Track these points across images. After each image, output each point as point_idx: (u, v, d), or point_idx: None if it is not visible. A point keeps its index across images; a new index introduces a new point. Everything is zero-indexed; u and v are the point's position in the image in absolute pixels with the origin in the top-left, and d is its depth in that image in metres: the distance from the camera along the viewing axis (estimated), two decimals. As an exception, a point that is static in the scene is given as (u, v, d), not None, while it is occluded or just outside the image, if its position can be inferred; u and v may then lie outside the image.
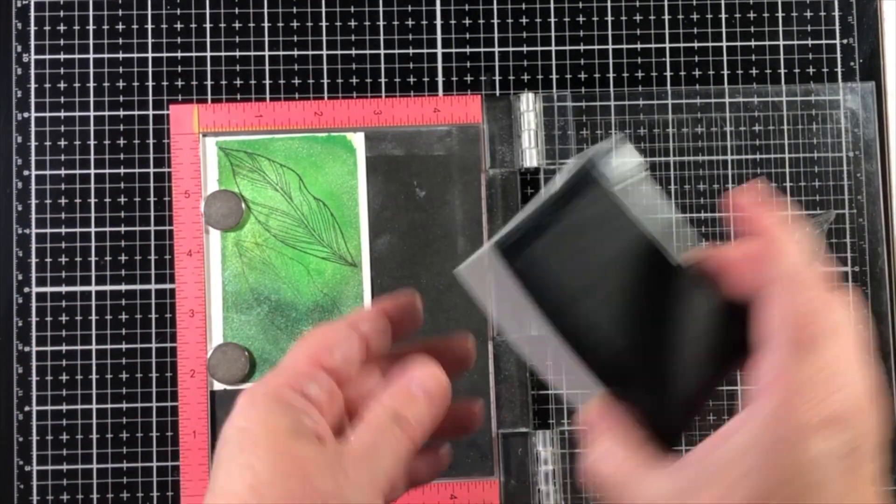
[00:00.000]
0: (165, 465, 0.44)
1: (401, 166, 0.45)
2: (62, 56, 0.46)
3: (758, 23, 0.47)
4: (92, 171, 0.45)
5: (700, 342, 0.28)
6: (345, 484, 0.24)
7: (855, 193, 0.46)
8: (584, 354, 0.28)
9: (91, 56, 0.46)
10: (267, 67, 0.46)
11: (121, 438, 0.44)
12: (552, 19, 0.47)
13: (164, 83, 0.46)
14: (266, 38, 0.46)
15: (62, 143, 0.45)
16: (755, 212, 0.27)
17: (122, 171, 0.45)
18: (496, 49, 0.46)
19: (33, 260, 0.45)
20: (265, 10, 0.46)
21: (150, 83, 0.46)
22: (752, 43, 0.47)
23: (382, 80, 0.46)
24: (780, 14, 0.47)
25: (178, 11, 0.46)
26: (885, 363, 0.45)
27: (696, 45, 0.47)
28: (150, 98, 0.46)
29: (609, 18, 0.47)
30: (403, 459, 0.26)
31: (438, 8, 0.47)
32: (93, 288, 0.45)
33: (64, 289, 0.45)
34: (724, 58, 0.47)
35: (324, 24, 0.46)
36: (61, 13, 0.46)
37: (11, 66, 0.46)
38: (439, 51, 0.46)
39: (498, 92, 0.46)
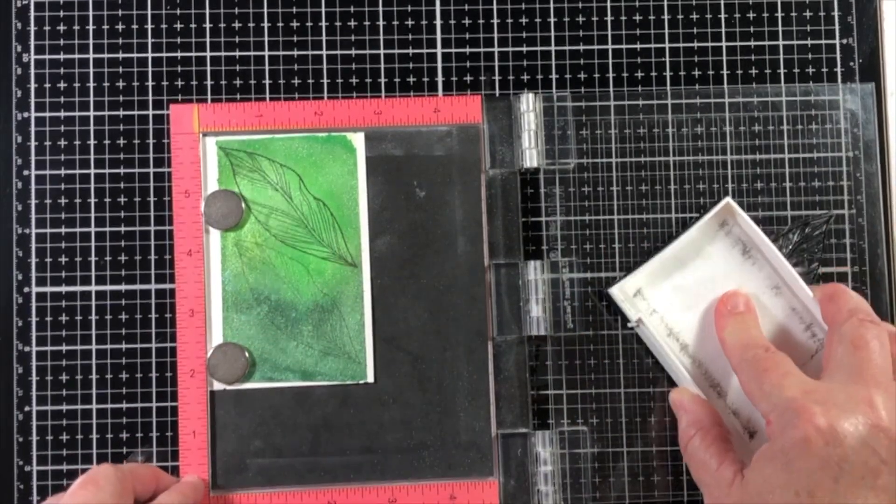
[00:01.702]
0: (165, 465, 0.44)
1: (401, 166, 0.45)
2: (62, 56, 0.46)
3: (758, 23, 0.47)
4: (92, 171, 0.45)
5: None
6: None
7: (854, 194, 0.46)
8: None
9: (91, 56, 0.46)
10: (267, 67, 0.46)
11: (121, 438, 0.44)
12: (552, 19, 0.47)
13: (164, 83, 0.46)
14: (266, 38, 0.46)
15: (62, 143, 0.45)
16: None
17: (122, 171, 0.45)
18: (496, 49, 0.46)
19: (33, 260, 0.45)
20: (265, 10, 0.46)
21: (150, 83, 0.46)
22: (752, 43, 0.47)
23: (382, 80, 0.46)
24: (779, 14, 0.47)
25: (178, 11, 0.46)
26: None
27: (696, 45, 0.47)
28: (150, 98, 0.46)
29: (609, 18, 0.47)
30: None
31: (438, 8, 0.47)
32: (93, 288, 0.45)
33: (64, 289, 0.45)
34: (724, 58, 0.47)
35: (324, 24, 0.46)
36: (61, 13, 0.46)
37: (11, 66, 0.46)
38: (439, 51, 0.46)
39: (498, 92, 0.46)
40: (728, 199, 0.44)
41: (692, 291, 0.44)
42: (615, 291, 0.44)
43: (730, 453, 0.39)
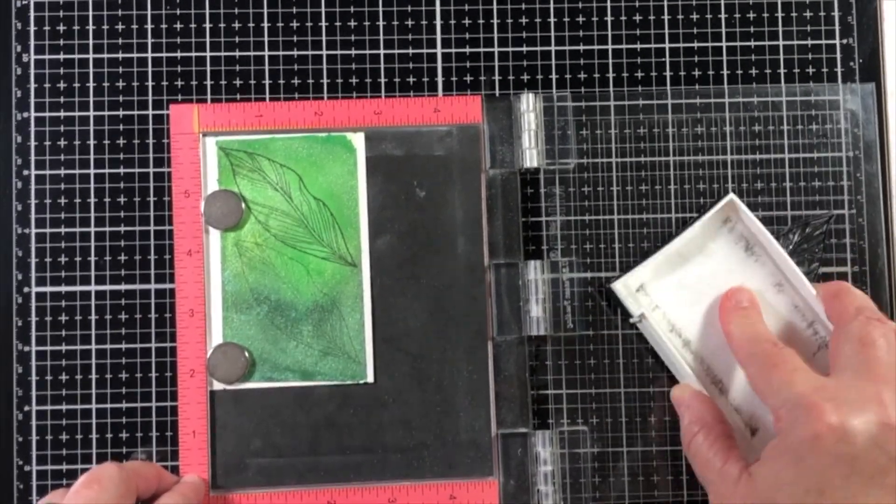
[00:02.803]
0: (165, 465, 0.44)
1: (401, 166, 0.45)
2: (62, 56, 0.46)
3: (758, 23, 0.47)
4: (92, 171, 0.45)
5: None
6: None
7: (855, 194, 0.46)
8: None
9: (91, 56, 0.46)
10: (267, 67, 0.46)
11: (120, 438, 0.44)
12: (552, 19, 0.47)
13: (164, 83, 0.46)
14: (266, 38, 0.46)
15: (62, 143, 0.45)
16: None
17: (121, 171, 0.45)
18: (496, 49, 0.46)
19: (33, 260, 0.45)
20: (265, 10, 0.46)
21: (150, 83, 0.46)
22: (752, 43, 0.47)
23: (382, 80, 0.46)
24: (779, 14, 0.47)
25: (178, 11, 0.46)
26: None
27: (696, 45, 0.47)
28: (150, 98, 0.46)
29: (609, 18, 0.47)
30: None
31: (438, 8, 0.47)
32: (92, 288, 0.45)
33: (64, 288, 0.45)
34: (724, 58, 0.47)
35: (324, 24, 0.46)
36: (61, 13, 0.46)
37: (11, 66, 0.46)
38: (439, 51, 0.46)
39: (498, 92, 0.46)
40: (731, 196, 0.44)
41: (695, 287, 0.44)
42: (618, 287, 0.44)
43: (734, 450, 0.39)
